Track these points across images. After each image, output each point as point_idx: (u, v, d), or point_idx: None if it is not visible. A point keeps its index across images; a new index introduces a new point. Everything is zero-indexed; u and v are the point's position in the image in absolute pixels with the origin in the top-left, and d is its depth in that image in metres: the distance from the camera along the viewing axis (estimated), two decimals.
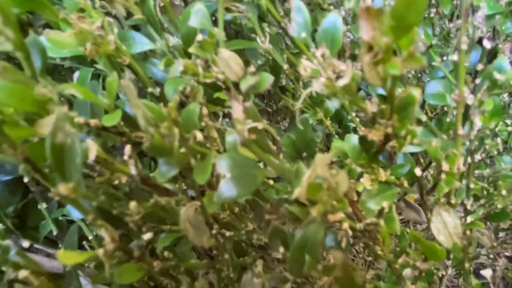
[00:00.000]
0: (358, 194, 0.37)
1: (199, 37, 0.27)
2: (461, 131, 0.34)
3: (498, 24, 0.49)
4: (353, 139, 0.44)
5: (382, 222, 0.31)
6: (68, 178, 0.24)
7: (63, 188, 0.21)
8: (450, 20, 0.56)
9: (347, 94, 0.27)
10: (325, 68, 0.26)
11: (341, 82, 0.25)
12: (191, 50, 0.27)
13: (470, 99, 0.35)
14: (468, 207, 0.49)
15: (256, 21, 0.34)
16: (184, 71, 0.27)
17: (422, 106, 0.60)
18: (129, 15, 0.39)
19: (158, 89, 0.37)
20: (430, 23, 0.54)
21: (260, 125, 0.24)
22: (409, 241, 0.39)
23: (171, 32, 0.43)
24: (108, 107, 0.30)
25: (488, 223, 0.67)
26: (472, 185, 0.47)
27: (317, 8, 0.38)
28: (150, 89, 0.36)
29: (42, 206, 0.42)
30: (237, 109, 0.23)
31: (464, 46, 0.29)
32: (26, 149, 0.22)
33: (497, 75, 0.33)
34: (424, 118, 0.41)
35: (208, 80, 0.28)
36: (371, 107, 0.27)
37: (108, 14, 0.40)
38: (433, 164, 0.50)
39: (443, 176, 0.35)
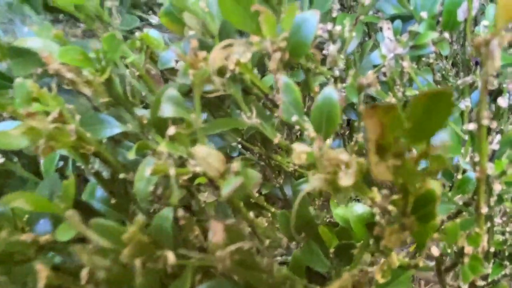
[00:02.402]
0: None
1: (171, 130, 0.23)
2: (484, 209, 0.29)
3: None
4: (357, 208, 0.39)
5: None
6: None
7: None
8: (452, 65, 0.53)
9: (353, 189, 0.22)
10: (324, 162, 0.21)
11: (345, 182, 0.20)
12: (161, 148, 0.23)
13: (490, 168, 0.31)
14: (488, 270, 0.44)
15: (240, 96, 0.30)
16: (154, 173, 0.22)
17: None
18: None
19: (131, 174, 0.33)
20: (430, 69, 0.51)
21: (245, 245, 0.19)
22: None
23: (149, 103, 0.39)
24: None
25: None
26: (492, 249, 0.42)
27: (307, 72, 0.34)
28: (122, 175, 0.32)
29: None
30: (216, 230, 0.18)
31: (485, 122, 0.25)
32: None
33: None
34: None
35: (184, 177, 0.24)
36: (382, 201, 0.23)
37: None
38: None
39: (465, 259, 0.30)
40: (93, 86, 0.29)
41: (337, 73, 0.39)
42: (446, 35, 0.38)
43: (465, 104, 0.48)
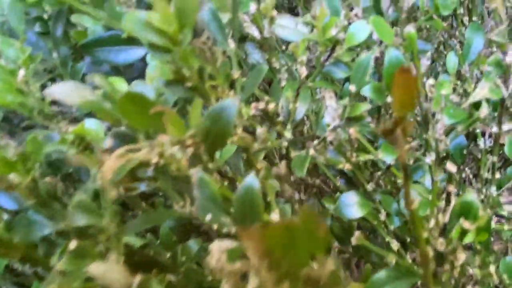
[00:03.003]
0: None
1: (73, 244, 0.22)
2: None
3: None
4: None
5: None
6: None
7: None
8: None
9: None
10: (226, 277, 0.20)
11: None
12: (59, 266, 0.22)
13: (440, 244, 0.29)
14: None
15: (169, 187, 0.29)
16: None
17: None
18: None
19: None
20: None
21: None
22: None
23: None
24: None
25: None
26: None
27: (247, 151, 0.33)
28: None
29: None
30: None
31: (414, 206, 0.24)
32: None
33: (466, 224, 0.27)
34: (393, 259, 0.34)
35: None
36: None
37: None
38: None
39: None
40: (19, 190, 0.28)
41: (285, 143, 0.39)
42: (390, 99, 0.37)
43: (430, 158, 0.46)
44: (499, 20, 0.40)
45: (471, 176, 0.61)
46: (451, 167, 0.33)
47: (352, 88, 0.33)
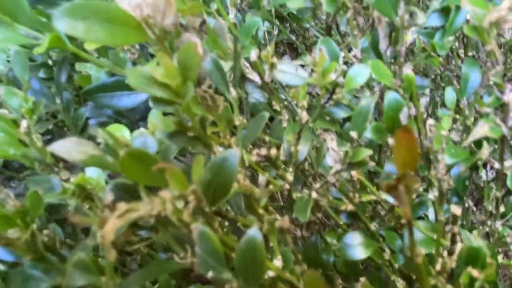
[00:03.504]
0: None
1: None
2: None
3: None
4: None
5: None
6: None
7: None
8: None
9: None
10: None
11: None
12: None
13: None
14: None
15: (170, 238, 0.29)
16: None
17: None
18: None
19: None
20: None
21: None
22: None
23: None
24: None
25: None
26: None
27: (248, 198, 0.33)
28: None
29: None
30: None
31: (419, 259, 0.23)
32: None
33: (474, 273, 0.26)
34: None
35: None
36: None
37: None
38: None
39: None
40: (15, 246, 0.28)
41: (287, 186, 0.38)
42: (390, 140, 0.37)
43: (433, 194, 0.46)
44: (495, 60, 0.40)
45: (474, 208, 0.60)
46: (455, 209, 0.32)
47: (353, 134, 0.33)
